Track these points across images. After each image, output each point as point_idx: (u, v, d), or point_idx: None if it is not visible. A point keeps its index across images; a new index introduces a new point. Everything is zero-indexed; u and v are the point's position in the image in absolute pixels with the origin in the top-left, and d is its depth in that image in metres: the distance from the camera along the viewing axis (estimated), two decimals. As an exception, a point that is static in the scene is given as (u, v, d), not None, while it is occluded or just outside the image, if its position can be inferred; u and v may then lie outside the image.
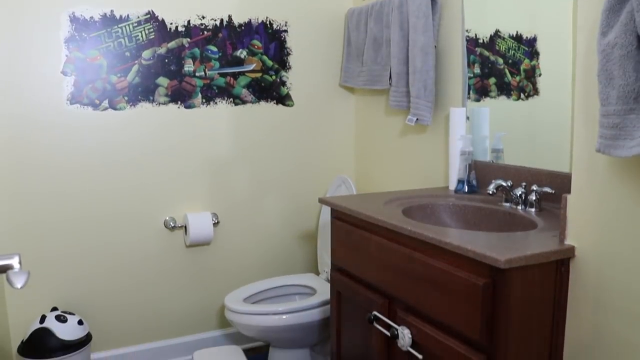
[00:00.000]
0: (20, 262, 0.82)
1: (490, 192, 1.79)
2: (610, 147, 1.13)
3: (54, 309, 2.45)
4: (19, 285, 0.77)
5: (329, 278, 2.50)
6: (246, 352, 2.88)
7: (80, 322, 2.41)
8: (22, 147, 2.36)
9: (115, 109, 2.52)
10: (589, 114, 1.29)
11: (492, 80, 2.10)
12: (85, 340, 2.41)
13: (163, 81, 2.59)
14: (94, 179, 2.51)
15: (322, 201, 2.04)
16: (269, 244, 2.94)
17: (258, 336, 2.39)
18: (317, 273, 2.99)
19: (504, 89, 2.05)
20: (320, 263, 2.80)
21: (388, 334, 1.63)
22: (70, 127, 2.44)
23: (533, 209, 1.74)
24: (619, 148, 1.11)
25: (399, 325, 1.61)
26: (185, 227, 2.66)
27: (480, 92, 2.16)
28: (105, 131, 2.50)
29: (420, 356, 1.51)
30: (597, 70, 1.17)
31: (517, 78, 1.99)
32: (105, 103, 2.50)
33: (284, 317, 2.32)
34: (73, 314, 2.43)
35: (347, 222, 1.92)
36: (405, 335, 1.56)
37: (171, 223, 2.67)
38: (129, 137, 2.55)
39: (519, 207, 1.79)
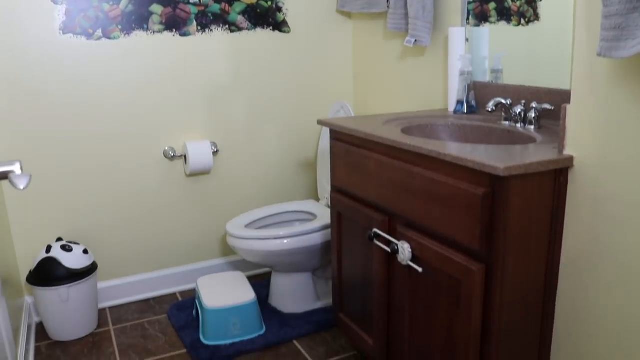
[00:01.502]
0: (21, 168, 0.82)
1: (490, 110, 1.78)
2: (612, 49, 1.12)
3: (59, 239, 2.49)
4: (21, 186, 0.77)
5: (329, 203, 2.52)
6: (249, 279, 2.95)
7: (85, 252, 2.45)
8: (15, 79, 2.33)
9: (109, 38, 2.48)
10: (591, 19, 1.27)
11: (492, 5, 2.05)
12: (91, 268, 2.46)
13: (157, 8, 2.53)
14: (91, 111, 2.49)
15: (322, 122, 2.03)
16: (269, 172, 2.95)
17: (260, 261, 2.43)
18: (317, 200, 3.01)
19: (504, 14, 2.01)
20: (320, 190, 2.82)
21: (388, 249, 1.65)
22: (65, 57, 2.40)
23: (532, 127, 1.73)
24: (620, 49, 1.09)
25: (398, 240, 1.63)
26: (185, 156, 2.66)
27: (479, 17, 2.11)
28: (100, 61, 2.47)
29: (420, 269, 1.53)
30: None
31: (518, 3, 1.95)
32: (99, 32, 2.45)
33: (285, 241, 2.35)
34: (78, 244, 2.46)
35: (346, 142, 1.92)
36: (405, 250, 1.58)
37: (171, 153, 2.67)
38: (124, 66, 2.52)
39: (518, 125, 1.78)
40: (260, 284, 2.87)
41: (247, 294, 2.37)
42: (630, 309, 1.26)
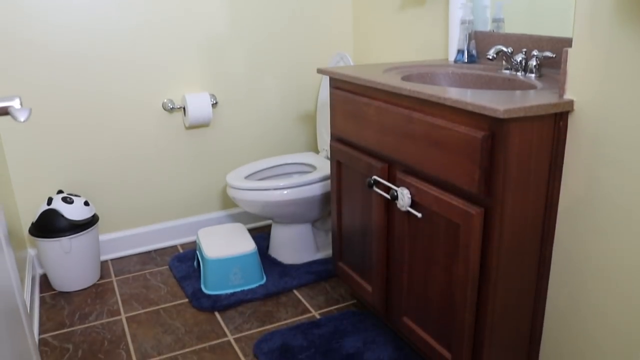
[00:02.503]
0: (21, 103, 0.82)
1: (490, 57, 1.77)
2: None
3: (60, 191, 2.50)
4: (22, 119, 0.77)
5: (329, 155, 2.52)
6: (249, 231, 2.97)
7: (86, 204, 2.46)
8: (15, 30, 2.30)
9: (105, -13, 2.44)
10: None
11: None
12: (92, 220, 2.47)
13: (153, -43, 2.49)
14: (90, 63, 2.47)
15: (321, 71, 2.02)
16: (269, 124, 2.94)
17: (260, 212, 2.44)
18: (317, 152, 3.02)
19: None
20: (319, 142, 2.81)
21: (388, 196, 1.66)
22: (59, 5, 2.37)
23: (533, 75, 1.72)
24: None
25: (398, 187, 1.64)
26: (184, 108, 2.65)
27: (481, -41, 2.08)
28: (96, 11, 2.44)
29: (419, 215, 1.55)
30: None
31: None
32: (95, -19, 2.42)
33: (285, 192, 2.36)
34: (78, 196, 2.47)
35: (346, 90, 1.92)
36: (404, 196, 1.59)
37: (170, 105, 2.66)
38: (121, 16, 2.49)
39: (519, 74, 1.77)
40: (260, 236, 2.90)
41: (247, 245, 2.39)
42: (628, 253, 1.28)
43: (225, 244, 2.40)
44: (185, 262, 2.64)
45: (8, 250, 1.17)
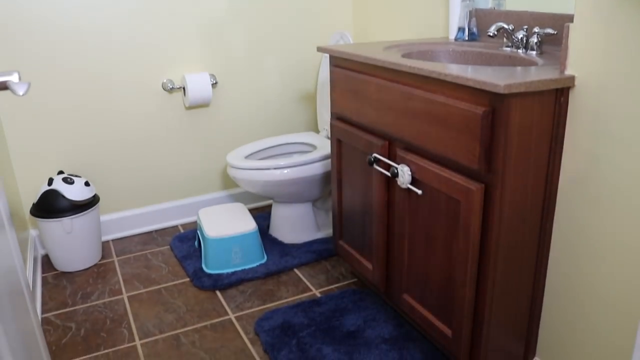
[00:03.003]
0: (19, 77, 0.82)
1: (491, 34, 1.75)
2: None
3: (60, 172, 2.50)
4: (20, 92, 0.77)
5: (329, 135, 2.52)
6: (249, 211, 2.98)
7: (87, 184, 2.46)
8: (10, 10, 2.28)
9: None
10: None
11: None
12: (93, 201, 2.48)
13: None
14: (89, 42, 2.45)
15: (321, 49, 2.01)
16: (268, 104, 2.93)
17: (260, 191, 2.44)
18: (317, 132, 3.01)
19: None
20: (319, 121, 2.81)
21: (388, 173, 1.67)
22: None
23: (534, 52, 1.72)
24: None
25: (398, 164, 1.64)
26: (184, 88, 2.65)
27: None
28: (94, -11, 2.43)
29: (419, 191, 1.55)
30: None
31: None
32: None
33: (286, 171, 2.36)
34: (79, 177, 2.47)
35: (346, 68, 1.91)
36: (405, 173, 1.59)
37: (169, 85, 2.65)
38: (119, -5, 2.47)
39: (520, 51, 1.76)
40: (261, 216, 2.90)
41: (248, 224, 2.40)
42: (627, 230, 1.28)
43: (226, 223, 2.41)
44: (186, 242, 2.65)
45: (10, 229, 1.18)
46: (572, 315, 1.47)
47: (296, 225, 2.57)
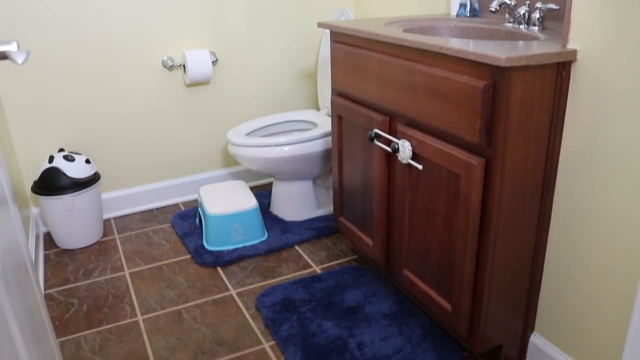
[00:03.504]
0: (18, 47, 0.82)
1: (493, 10, 1.74)
2: None
3: (61, 150, 2.49)
4: (20, 61, 0.77)
5: (330, 112, 2.51)
6: (250, 189, 2.98)
7: (87, 161, 2.46)
8: (9, -18, 2.28)
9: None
10: None
11: None
12: (94, 178, 2.48)
13: None
14: (89, 19, 2.44)
15: (322, 25, 1.99)
16: (269, 82, 2.92)
17: (261, 169, 2.44)
18: (318, 109, 3.01)
19: None
20: (320, 99, 2.80)
21: (389, 149, 1.66)
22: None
23: (536, 28, 1.70)
24: None
25: (399, 139, 1.64)
26: (184, 65, 2.63)
27: None
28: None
29: (420, 167, 1.55)
30: None
31: None
32: None
33: (286, 148, 2.36)
34: (80, 154, 2.47)
35: (347, 44, 1.90)
36: (405, 148, 1.59)
37: (169, 62, 2.64)
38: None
39: (522, 27, 1.75)
40: (262, 193, 2.91)
41: (249, 201, 2.40)
42: (628, 204, 1.28)
43: (227, 200, 2.41)
44: (187, 219, 2.65)
45: (13, 204, 1.18)
46: (571, 291, 1.48)
47: (297, 202, 2.57)
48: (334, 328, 1.84)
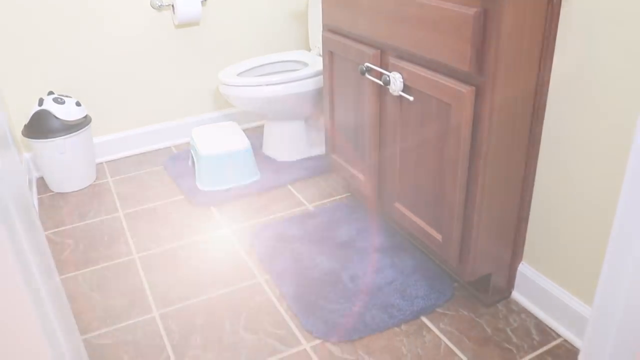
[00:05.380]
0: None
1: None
2: None
3: (50, 93, 2.47)
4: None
5: (321, 52, 2.49)
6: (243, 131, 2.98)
7: (77, 104, 2.45)
8: None
9: None
10: None
11: None
12: (85, 121, 2.47)
13: None
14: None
15: (311, -41, 1.96)
16: (259, 21, 2.89)
17: (253, 108, 2.44)
18: (309, 50, 2.98)
19: None
20: (311, 40, 2.77)
21: (380, 82, 1.66)
22: None
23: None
24: None
25: (390, 72, 1.63)
26: (173, 5, 2.59)
27: None
28: None
29: (411, 98, 1.55)
30: None
31: None
32: None
33: (278, 87, 2.35)
34: (70, 97, 2.46)
35: (337, -22, 1.87)
36: (396, 80, 1.59)
37: (158, 2, 2.59)
38: None
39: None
40: (254, 135, 2.91)
41: (241, 142, 2.41)
42: (616, 132, 1.29)
43: (219, 141, 2.42)
44: (180, 161, 2.66)
45: (13, 144, 1.18)
46: (559, 221, 1.51)
47: (289, 142, 2.58)
48: (327, 262, 1.88)
